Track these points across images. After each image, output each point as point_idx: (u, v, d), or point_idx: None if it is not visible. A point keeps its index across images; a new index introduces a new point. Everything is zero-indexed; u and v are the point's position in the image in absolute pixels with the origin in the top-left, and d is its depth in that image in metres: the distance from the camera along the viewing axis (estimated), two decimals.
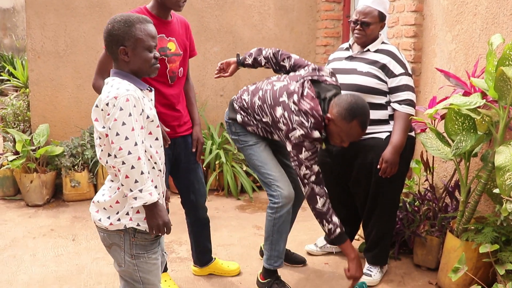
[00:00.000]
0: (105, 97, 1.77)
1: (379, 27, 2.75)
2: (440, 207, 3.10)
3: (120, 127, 1.72)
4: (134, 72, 1.87)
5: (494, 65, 2.38)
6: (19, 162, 4.16)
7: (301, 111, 2.39)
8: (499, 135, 2.46)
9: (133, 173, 1.74)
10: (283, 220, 2.66)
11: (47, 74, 4.63)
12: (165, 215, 1.82)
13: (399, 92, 2.67)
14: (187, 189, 2.73)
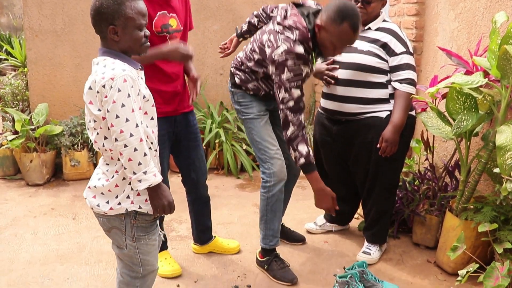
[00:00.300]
0: (100, 79, 1.69)
1: (381, 5, 2.71)
2: (440, 186, 3.11)
3: (119, 109, 1.67)
4: (124, 51, 1.80)
5: (497, 43, 2.35)
6: (19, 141, 4.15)
7: (285, 27, 2.34)
8: (501, 114, 2.44)
9: (136, 156, 1.70)
10: (276, 199, 2.66)
11: (45, 53, 4.59)
12: (169, 195, 1.80)
13: (400, 71, 2.65)
14: (188, 167, 2.72)
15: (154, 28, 2.41)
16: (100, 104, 1.72)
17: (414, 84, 2.67)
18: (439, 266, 2.83)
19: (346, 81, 2.71)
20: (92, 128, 1.80)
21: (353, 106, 2.71)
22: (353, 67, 2.67)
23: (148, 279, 2.04)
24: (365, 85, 2.68)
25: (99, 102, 1.72)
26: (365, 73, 2.66)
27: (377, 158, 2.69)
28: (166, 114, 2.53)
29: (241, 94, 2.69)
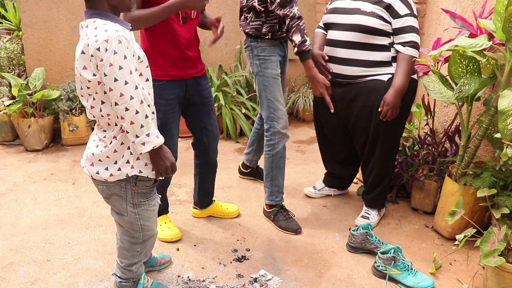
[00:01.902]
0: (94, 42, 1.63)
1: None
2: (440, 151, 3.09)
3: (117, 71, 1.62)
4: (114, 8, 1.73)
5: (504, 4, 2.28)
6: (16, 106, 4.12)
7: None
8: (504, 78, 2.40)
9: (138, 118, 1.67)
10: (280, 156, 2.83)
11: (40, 15, 4.48)
12: (171, 156, 1.79)
13: (403, 34, 2.58)
14: (200, 131, 2.71)
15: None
16: (95, 68, 1.66)
17: (417, 47, 2.61)
18: (437, 231, 2.85)
19: (348, 43, 2.65)
20: (87, 94, 1.75)
21: (354, 69, 2.67)
22: (356, 29, 2.61)
23: (148, 244, 2.06)
24: (367, 47, 2.62)
25: (93, 66, 1.66)
26: (367, 35, 2.60)
27: (378, 122, 2.67)
28: (176, 78, 2.50)
29: (261, 47, 2.76)
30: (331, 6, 2.79)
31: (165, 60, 2.45)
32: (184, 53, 2.49)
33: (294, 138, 4.61)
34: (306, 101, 4.98)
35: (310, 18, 5.09)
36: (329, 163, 3.20)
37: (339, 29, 2.69)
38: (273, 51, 2.79)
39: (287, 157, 4.07)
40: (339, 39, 2.68)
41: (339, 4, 2.74)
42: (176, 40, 2.44)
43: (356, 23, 2.60)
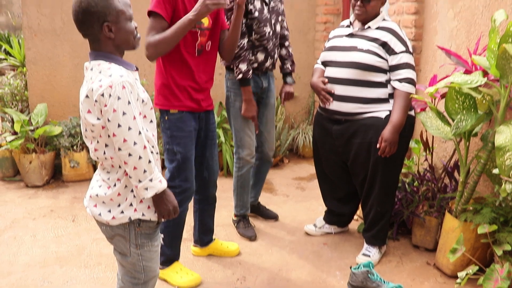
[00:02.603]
0: (98, 87, 1.63)
1: (380, 4, 2.70)
2: (439, 187, 3.09)
3: (121, 117, 1.62)
4: (119, 48, 1.75)
5: (496, 42, 2.33)
6: (18, 142, 4.15)
7: None
8: (500, 114, 2.42)
9: (141, 164, 1.66)
10: (243, 178, 3.17)
11: (45, 52, 4.58)
12: (173, 199, 1.78)
13: (400, 70, 2.63)
14: (201, 165, 2.71)
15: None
16: (99, 113, 1.67)
17: (414, 84, 2.65)
18: (439, 268, 2.82)
19: (346, 80, 2.69)
20: (91, 137, 1.75)
21: (352, 106, 2.70)
22: (353, 66, 2.65)
23: (149, 285, 2.02)
24: (364, 84, 2.66)
25: (97, 111, 1.66)
26: (364, 72, 2.64)
27: (376, 158, 2.67)
28: (193, 109, 2.54)
29: (231, 80, 2.99)
30: (329, 44, 2.85)
31: (182, 91, 2.50)
32: (199, 85, 2.54)
33: (294, 175, 4.61)
34: (306, 138, 5.00)
35: (309, 55, 5.18)
36: (329, 200, 3.20)
37: (337, 66, 2.74)
38: None
39: (287, 195, 4.08)
40: (337, 77, 2.72)
41: (337, 42, 2.80)
42: (191, 72, 2.50)
43: (353, 61, 2.65)
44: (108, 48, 1.72)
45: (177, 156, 2.50)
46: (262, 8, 2.91)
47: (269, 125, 3.22)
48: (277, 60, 3.13)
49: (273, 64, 3.11)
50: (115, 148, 1.68)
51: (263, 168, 3.37)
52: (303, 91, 5.17)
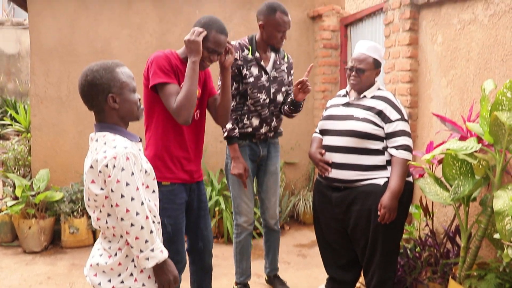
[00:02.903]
0: (102, 158, 1.68)
1: (374, 74, 2.80)
2: (442, 252, 3.06)
3: (124, 188, 1.66)
4: (123, 119, 1.81)
5: (487, 110, 2.41)
6: (18, 207, 4.15)
7: None
8: (497, 179, 2.45)
9: (143, 234, 1.68)
10: (242, 245, 3.16)
11: (49, 119, 4.69)
12: (174, 269, 1.79)
13: (396, 138, 2.68)
14: (196, 236, 2.67)
15: None
16: (103, 183, 1.71)
17: (410, 150, 2.70)
18: None
19: (344, 148, 2.74)
20: (94, 206, 1.77)
21: (351, 173, 2.72)
22: (350, 134, 2.71)
23: None
24: (362, 152, 2.70)
25: (101, 181, 1.70)
26: (361, 140, 2.69)
27: (376, 225, 2.66)
28: (185, 181, 2.54)
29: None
30: (326, 113, 2.93)
31: (175, 162, 2.49)
32: (190, 154, 2.55)
33: (295, 241, 4.56)
34: (307, 204, 4.99)
35: (308, 122, 5.30)
36: (331, 267, 3.12)
37: (334, 134, 2.79)
38: (240, 153, 3.02)
39: (288, 262, 4.04)
40: (335, 145, 2.77)
41: (334, 111, 2.87)
42: (183, 142, 2.52)
43: (350, 129, 2.71)
44: (113, 119, 1.79)
45: (168, 228, 2.44)
46: (260, 75, 3.00)
47: (269, 193, 3.21)
48: (277, 128, 3.17)
49: (274, 132, 3.14)
50: (117, 218, 1.70)
51: (270, 237, 3.32)
52: (303, 158, 5.23)
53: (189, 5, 4.92)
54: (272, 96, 3.05)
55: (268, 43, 2.99)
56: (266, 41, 2.99)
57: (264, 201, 3.21)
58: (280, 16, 2.89)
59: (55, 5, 4.69)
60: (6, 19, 9.94)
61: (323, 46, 5.07)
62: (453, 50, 3.27)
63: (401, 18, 3.71)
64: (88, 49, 4.74)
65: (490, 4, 2.93)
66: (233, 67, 2.96)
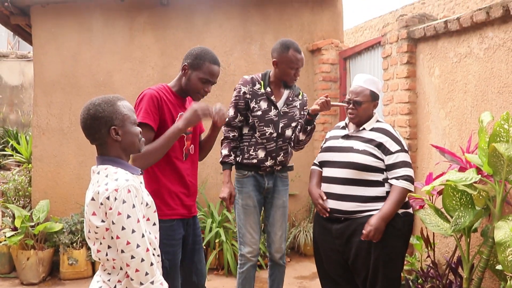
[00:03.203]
0: (104, 190, 1.71)
1: (372, 106, 2.80)
2: (444, 284, 3.03)
3: (125, 220, 1.68)
4: (126, 151, 1.84)
5: (486, 141, 2.44)
6: (17, 238, 4.13)
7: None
8: (497, 209, 2.46)
9: (144, 266, 1.70)
10: (244, 276, 3.08)
11: (51, 150, 4.72)
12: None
13: (397, 169, 2.66)
14: (190, 270, 2.63)
15: None
16: (104, 216, 1.72)
17: (411, 181, 2.67)
18: None
19: (344, 180, 2.73)
20: (94, 238, 1.78)
21: (350, 204, 2.70)
22: (350, 166, 2.70)
23: None
24: (362, 184, 2.69)
25: (102, 213, 1.72)
26: (361, 172, 2.69)
27: (377, 257, 2.63)
28: (183, 216, 2.52)
29: (237, 179, 3.11)
30: (326, 145, 2.94)
31: (174, 198, 2.48)
32: (189, 189, 2.55)
33: (295, 273, 4.52)
34: (307, 236, 4.95)
35: (308, 154, 5.32)
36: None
37: (334, 166, 2.79)
38: (245, 183, 3.06)
39: None
40: (335, 176, 2.77)
41: (333, 143, 2.88)
42: (181, 177, 2.51)
43: (350, 161, 2.71)
44: (115, 152, 1.83)
45: (165, 263, 2.39)
46: (268, 110, 3.03)
47: (276, 226, 3.14)
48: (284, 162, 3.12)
49: (281, 166, 3.12)
50: (118, 250, 1.71)
51: (275, 271, 3.22)
52: (303, 189, 5.22)
53: (190, 39, 5.02)
54: (280, 131, 3.05)
55: (281, 79, 3.04)
56: (279, 78, 3.03)
57: (270, 234, 3.16)
58: (293, 53, 2.94)
59: (59, 38, 4.79)
60: (11, 52, 10.11)
61: (322, 79, 5.15)
62: (450, 83, 3.33)
63: (399, 51, 3.79)
64: (90, 82, 4.81)
65: (484, 38, 3.01)
66: (241, 100, 3.04)
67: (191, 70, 2.48)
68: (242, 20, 5.14)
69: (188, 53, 2.52)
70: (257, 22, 5.17)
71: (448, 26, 3.25)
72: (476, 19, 2.99)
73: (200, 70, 2.46)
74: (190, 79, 2.48)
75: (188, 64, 2.48)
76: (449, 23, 3.24)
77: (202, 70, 2.46)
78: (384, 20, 6.74)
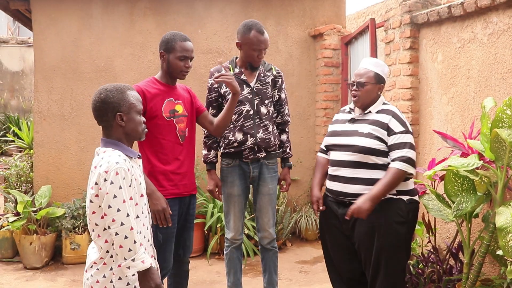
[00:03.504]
0: (99, 172, 1.88)
1: (377, 89, 2.75)
2: (445, 269, 3.05)
3: (111, 200, 1.84)
4: (128, 136, 2.01)
5: (488, 127, 2.44)
6: (20, 223, 4.15)
7: None
8: (499, 195, 2.47)
9: (127, 243, 1.84)
10: (229, 257, 3.21)
11: (52, 136, 4.72)
12: (157, 278, 1.91)
13: (398, 150, 2.61)
14: (178, 244, 2.81)
15: (164, 114, 2.65)
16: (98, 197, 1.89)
17: (410, 163, 2.60)
18: None
19: (350, 163, 2.70)
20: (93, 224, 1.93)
21: (357, 187, 2.67)
22: (356, 150, 2.66)
23: None
24: (369, 167, 2.66)
25: (98, 192, 1.88)
26: (367, 155, 2.67)
27: (380, 244, 2.60)
28: (178, 195, 2.71)
29: (222, 167, 3.16)
30: (331, 129, 2.90)
31: (167, 179, 2.67)
32: (183, 169, 2.72)
33: (297, 258, 4.54)
34: (308, 221, 4.98)
35: (310, 139, 5.32)
36: (337, 283, 3.05)
37: (340, 150, 2.76)
38: (230, 172, 3.12)
39: (290, 278, 4.03)
40: (341, 159, 2.74)
41: (339, 127, 2.85)
42: (175, 158, 2.69)
43: (355, 144, 2.68)
44: (118, 135, 2.00)
45: (159, 237, 2.60)
46: (241, 89, 3.03)
47: (262, 212, 3.20)
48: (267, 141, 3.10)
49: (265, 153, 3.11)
50: (104, 227, 1.87)
51: (265, 256, 3.28)
52: (305, 174, 5.24)
53: (191, 24, 4.99)
54: (256, 108, 3.06)
55: (247, 61, 3.05)
56: (245, 60, 3.05)
57: (258, 220, 3.24)
58: (256, 35, 2.93)
59: (59, 24, 4.76)
60: (11, 37, 10.05)
61: (324, 64, 5.12)
62: (453, 68, 3.32)
63: (402, 37, 3.76)
64: (91, 67, 4.79)
65: (488, 23, 2.98)
66: (212, 92, 3.10)
67: (167, 54, 2.67)
68: (243, 5, 5.10)
69: (161, 41, 2.72)
70: (258, 8, 5.13)
71: (452, 11, 3.22)
72: (480, 4, 2.96)
73: (174, 50, 2.67)
74: (170, 62, 2.67)
75: (164, 50, 2.68)
76: (453, 8, 3.21)
77: (176, 50, 2.67)
78: (387, 5, 6.67)
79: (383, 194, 2.57)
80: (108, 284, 1.92)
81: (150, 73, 4.89)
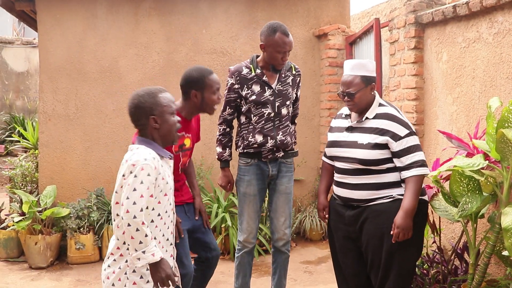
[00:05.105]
0: (127, 165, 1.98)
1: (369, 91, 2.65)
2: (450, 269, 3.03)
3: (131, 192, 1.91)
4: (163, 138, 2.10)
5: (494, 127, 2.42)
6: (25, 223, 4.17)
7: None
8: (504, 196, 2.45)
9: (138, 235, 1.90)
10: (239, 261, 3.15)
11: (57, 136, 4.73)
12: (167, 268, 1.97)
13: (409, 154, 2.55)
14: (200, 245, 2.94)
15: (173, 148, 2.62)
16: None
17: (424, 165, 2.57)
18: None
19: (354, 171, 2.62)
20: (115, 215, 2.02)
21: (364, 193, 2.63)
22: (357, 162, 2.61)
23: None
24: (374, 172, 2.58)
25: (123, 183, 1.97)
26: (370, 167, 2.61)
27: (390, 246, 2.56)
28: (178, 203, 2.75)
29: (239, 166, 3.13)
30: (331, 138, 2.83)
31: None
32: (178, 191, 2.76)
33: (301, 258, 4.53)
34: (313, 221, 4.96)
35: (314, 139, 5.32)
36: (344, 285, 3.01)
37: (343, 161, 2.70)
38: (248, 171, 3.08)
39: (295, 279, 4.02)
40: (346, 168, 2.67)
41: (338, 136, 2.78)
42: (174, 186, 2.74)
43: (357, 157, 2.61)
44: (152, 135, 2.10)
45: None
46: (263, 91, 2.99)
47: (278, 212, 3.13)
48: (286, 144, 3.07)
49: (283, 148, 3.07)
50: (118, 213, 1.96)
51: (277, 258, 3.19)
52: (309, 175, 5.23)
53: (196, 24, 4.99)
54: (277, 110, 3.03)
55: (270, 63, 3.00)
56: (268, 62, 3.00)
57: (273, 220, 3.15)
58: (280, 36, 2.88)
59: (64, 24, 4.77)
60: (16, 38, 10.09)
61: (328, 64, 5.12)
62: (458, 68, 3.30)
63: (406, 36, 3.75)
64: (95, 68, 4.81)
65: (494, 23, 2.97)
66: (232, 92, 3.04)
67: (200, 92, 2.69)
68: (248, 5, 5.10)
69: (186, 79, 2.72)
70: (263, 7, 5.13)
71: (457, 11, 3.21)
72: (485, 3, 2.94)
73: (207, 87, 2.69)
74: (205, 99, 2.71)
75: (195, 89, 2.69)
76: (458, 8, 3.19)
77: (208, 86, 2.70)
78: (392, 5, 6.66)
79: (414, 205, 2.52)
80: (122, 276, 1.99)
81: (154, 74, 4.90)
